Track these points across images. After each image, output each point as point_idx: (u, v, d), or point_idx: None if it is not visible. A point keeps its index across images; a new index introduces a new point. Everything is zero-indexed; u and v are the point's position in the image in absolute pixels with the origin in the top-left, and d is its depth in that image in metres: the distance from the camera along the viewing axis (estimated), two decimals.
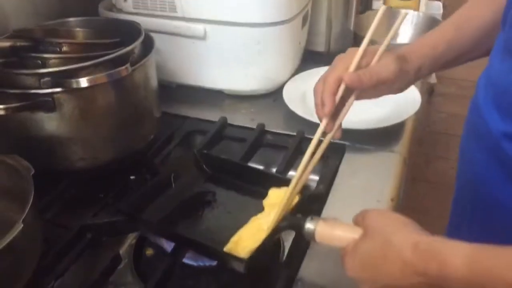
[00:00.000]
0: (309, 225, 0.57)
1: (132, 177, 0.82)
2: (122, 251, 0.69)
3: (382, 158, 0.86)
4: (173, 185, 0.73)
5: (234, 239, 0.62)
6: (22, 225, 0.53)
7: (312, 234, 0.57)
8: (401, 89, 0.70)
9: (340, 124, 0.66)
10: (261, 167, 0.88)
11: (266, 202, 0.67)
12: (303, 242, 0.68)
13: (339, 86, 0.63)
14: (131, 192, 0.77)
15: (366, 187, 0.78)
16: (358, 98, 0.66)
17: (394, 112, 0.95)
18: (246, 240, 0.61)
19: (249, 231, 0.63)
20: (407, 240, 0.48)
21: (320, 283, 0.63)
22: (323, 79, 0.65)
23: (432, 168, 2.45)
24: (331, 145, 0.86)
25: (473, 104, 0.70)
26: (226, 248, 0.60)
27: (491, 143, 0.62)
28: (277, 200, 0.66)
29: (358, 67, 0.64)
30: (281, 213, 0.62)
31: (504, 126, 0.60)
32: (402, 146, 0.89)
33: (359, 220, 0.55)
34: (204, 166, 0.76)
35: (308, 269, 0.65)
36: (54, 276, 0.63)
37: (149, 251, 0.70)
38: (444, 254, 0.45)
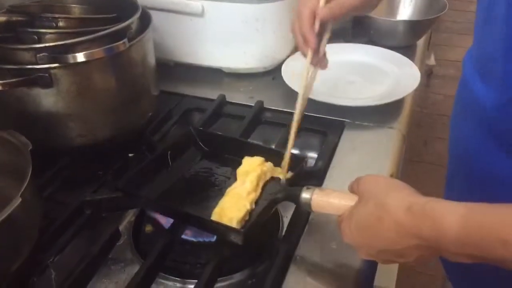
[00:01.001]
0: (305, 195, 0.58)
1: (130, 155, 0.82)
2: (121, 227, 0.69)
3: (381, 135, 0.86)
4: (170, 163, 0.73)
5: (216, 210, 0.63)
6: (20, 199, 0.53)
7: (308, 204, 0.57)
8: (375, 6, 0.72)
9: (324, 54, 0.68)
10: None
11: (239, 171, 0.68)
12: (302, 217, 0.68)
13: (314, 19, 0.65)
14: (129, 170, 0.77)
15: (365, 163, 0.79)
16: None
17: (394, 89, 0.95)
18: (230, 211, 0.62)
19: (230, 201, 0.63)
20: (401, 202, 0.48)
21: (318, 258, 0.63)
22: (298, 17, 0.66)
23: (430, 149, 2.46)
24: (330, 122, 0.87)
25: (461, 82, 0.71)
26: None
27: (479, 115, 0.63)
28: (250, 168, 0.67)
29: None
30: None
31: (490, 94, 0.60)
32: (401, 122, 0.89)
33: (354, 188, 0.55)
34: (200, 143, 0.76)
35: (307, 244, 0.65)
36: (54, 251, 0.63)
37: (149, 228, 0.70)
38: (438, 213, 0.45)
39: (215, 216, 0.62)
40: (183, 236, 0.66)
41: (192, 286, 0.58)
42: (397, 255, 0.49)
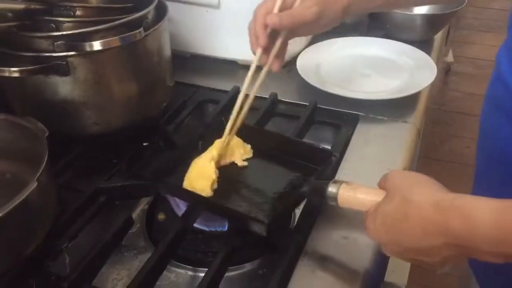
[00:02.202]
0: (331, 189, 0.56)
1: (145, 144, 0.82)
2: (134, 215, 0.70)
3: (395, 129, 0.85)
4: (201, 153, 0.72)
5: (185, 183, 0.66)
6: (36, 183, 0.54)
7: (334, 198, 0.56)
8: (328, 26, 0.71)
9: (279, 56, 0.70)
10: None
11: (211, 147, 0.71)
12: (314, 209, 0.68)
13: None
14: (153, 158, 0.77)
15: (379, 156, 0.78)
16: (289, 37, 0.70)
17: (409, 83, 0.95)
18: (199, 181, 0.65)
19: (196, 173, 0.66)
20: (428, 198, 0.46)
21: (329, 251, 0.63)
22: (253, 16, 0.68)
23: (447, 147, 2.43)
24: (344, 115, 0.87)
25: (495, 79, 0.69)
26: None
27: None
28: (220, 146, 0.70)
29: (283, 6, 0.67)
30: (219, 151, 0.68)
31: None
32: (416, 117, 0.88)
33: (382, 183, 0.54)
34: None
35: (318, 237, 0.65)
36: (68, 237, 0.64)
37: (161, 216, 0.71)
38: (468, 209, 0.42)
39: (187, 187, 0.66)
40: (195, 225, 0.67)
41: (203, 274, 0.59)
42: (423, 253, 0.47)
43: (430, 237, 0.45)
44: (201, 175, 0.66)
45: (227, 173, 0.70)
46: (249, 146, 0.73)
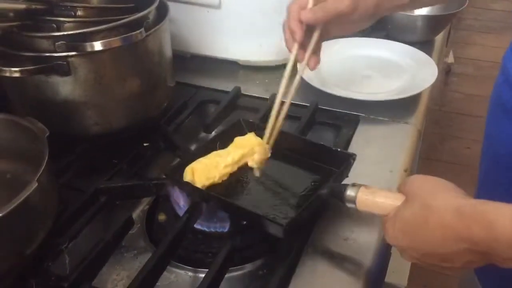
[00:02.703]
0: (350, 192, 0.56)
1: (145, 144, 0.82)
2: (135, 216, 0.70)
3: (396, 130, 0.85)
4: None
5: (189, 167, 0.66)
6: (36, 184, 0.54)
7: (353, 201, 0.56)
8: (361, 24, 0.70)
9: (315, 53, 0.68)
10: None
11: (232, 145, 0.71)
12: (314, 210, 0.68)
13: None
14: (181, 156, 0.77)
15: (379, 157, 0.78)
16: (324, 35, 0.68)
17: (410, 84, 0.95)
18: (200, 175, 0.65)
19: (205, 167, 0.66)
20: (449, 204, 0.46)
21: (330, 252, 0.63)
22: (287, 13, 0.67)
23: (447, 148, 2.43)
24: (345, 116, 0.87)
25: (502, 82, 0.68)
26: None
27: None
28: (245, 143, 0.70)
29: (317, 1, 0.65)
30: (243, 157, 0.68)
31: None
32: (417, 118, 0.88)
33: (401, 187, 0.53)
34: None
35: (319, 238, 0.65)
36: (68, 237, 0.64)
37: (162, 217, 0.71)
38: (490, 215, 0.42)
39: (187, 172, 0.66)
40: (196, 226, 0.66)
41: (203, 275, 0.58)
42: (443, 259, 0.47)
43: (450, 243, 0.45)
44: (207, 171, 0.66)
45: (243, 174, 0.70)
46: (267, 146, 0.73)
